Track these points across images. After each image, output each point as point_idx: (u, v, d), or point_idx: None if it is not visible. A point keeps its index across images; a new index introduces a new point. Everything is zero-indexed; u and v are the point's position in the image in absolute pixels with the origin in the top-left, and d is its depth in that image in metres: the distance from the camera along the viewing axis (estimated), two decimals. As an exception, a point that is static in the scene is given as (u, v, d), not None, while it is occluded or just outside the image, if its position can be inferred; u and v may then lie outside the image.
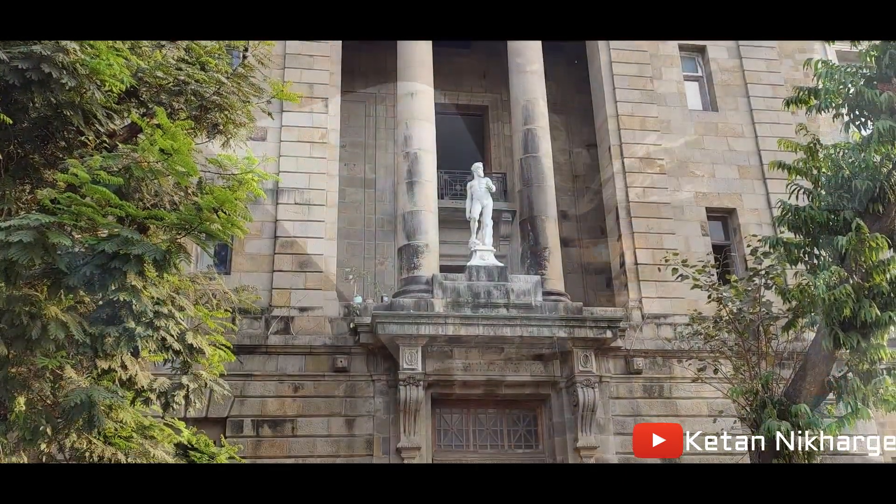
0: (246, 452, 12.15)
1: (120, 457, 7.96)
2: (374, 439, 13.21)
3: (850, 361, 9.57)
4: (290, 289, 14.10)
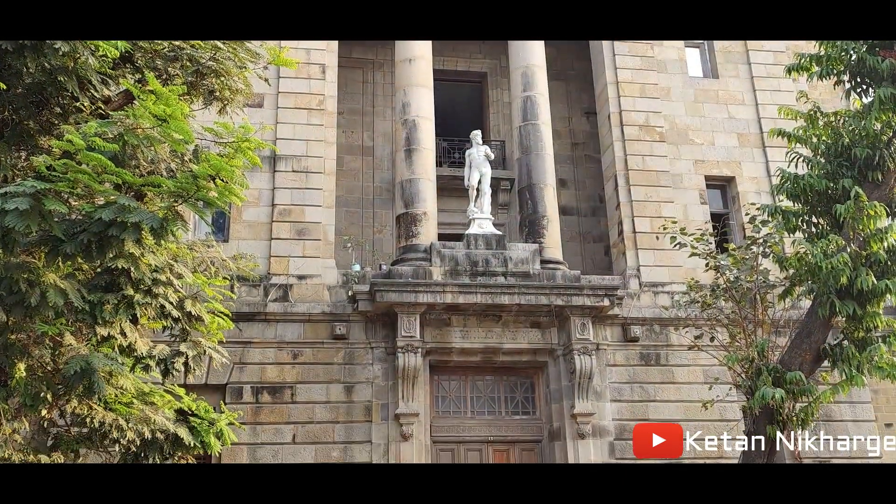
0: (246, 418, 12.26)
1: (121, 422, 8.04)
2: (372, 405, 13.33)
3: (846, 329, 9.62)
4: (289, 257, 14.11)
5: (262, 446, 12.82)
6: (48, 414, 8.12)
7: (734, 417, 13.06)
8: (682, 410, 13.97)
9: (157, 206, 7.33)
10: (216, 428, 9.14)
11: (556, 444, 13.70)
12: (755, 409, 9.72)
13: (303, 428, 13.05)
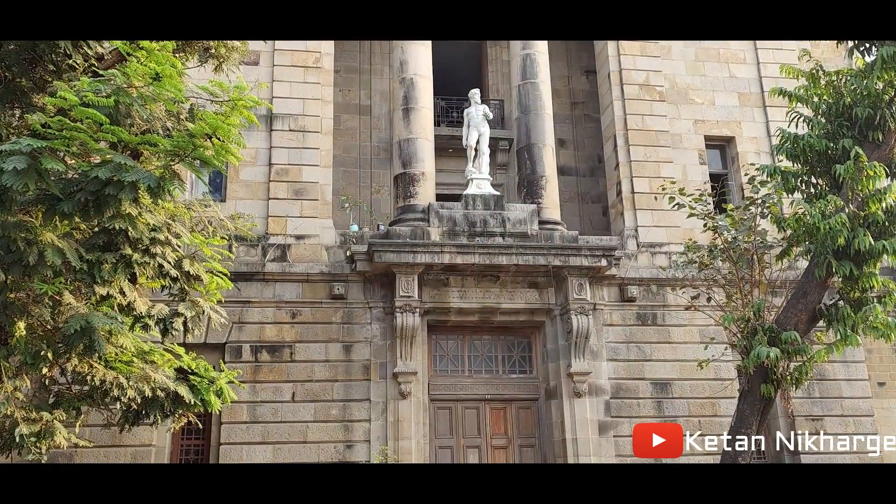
0: (245, 377, 12.37)
1: (121, 380, 8.11)
2: (371, 364, 13.45)
3: (842, 290, 9.66)
4: (286, 217, 14.08)
5: (261, 404, 12.95)
6: (49, 372, 8.18)
7: (729, 377, 13.20)
8: (678, 370, 14.12)
9: (153, 165, 7.29)
10: (216, 386, 9.22)
11: (553, 402, 13.87)
12: (750, 369, 9.81)
13: (302, 386, 13.18)
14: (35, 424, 8.00)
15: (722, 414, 13.58)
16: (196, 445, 12.99)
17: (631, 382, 14.07)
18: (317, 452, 12.85)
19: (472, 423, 13.86)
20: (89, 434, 11.29)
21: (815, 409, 14.45)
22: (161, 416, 9.22)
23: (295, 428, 12.93)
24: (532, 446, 13.97)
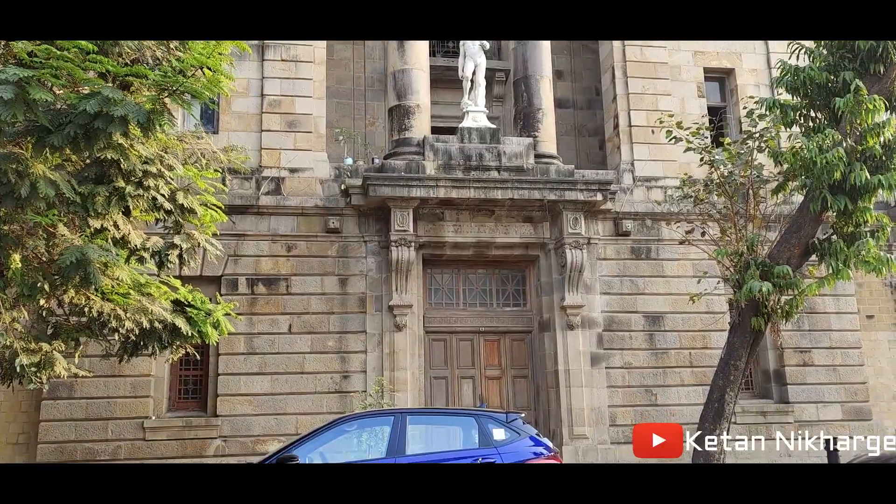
0: (242, 309, 12.47)
1: (119, 312, 8.17)
2: (366, 297, 13.56)
3: (836, 224, 9.71)
4: (280, 149, 13.95)
5: (258, 336, 13.10)
6: (46, 304, 8.23)
7: (720, 310, 13.35)
8: (670, 303, 14.28)
9: (143, 97, 7.17)
10: (213, 318, 9.32)
11: (546, 334, 14.06)
12: (741, 302, 9.93)
13: (298, 319, 13.31)
14: (35, 355, 8.10)
15: (712, 346, 13.81)
16: (194, 376, 13.20)
17: (623, 315, 14.24)
18: (314, 383, 13.08)
19: (467, 355, 14.09)
20: (89, 364, 11.44)
21: (803, 342, 14.70)
22: (159, 347, 9.34)
23: (292, 359, 13.12)
24: (525, 377, 14.23)
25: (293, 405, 12.92)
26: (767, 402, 14.54)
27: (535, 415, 13.77)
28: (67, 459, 12.14)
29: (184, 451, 12.45)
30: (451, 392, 13.85)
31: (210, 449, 12.54)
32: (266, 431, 12.71)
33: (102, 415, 12.40)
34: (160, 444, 12.45)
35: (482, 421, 7.27)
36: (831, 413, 14.43)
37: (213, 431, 12.65)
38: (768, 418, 14.28)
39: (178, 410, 13.00)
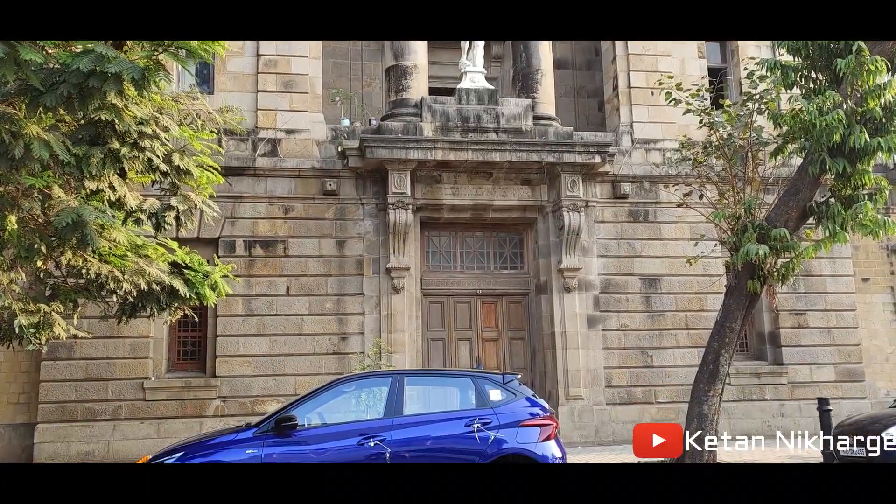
0: (240, 271, 12.49)
1: (117, 274, 8.18)
2: (364, 260, 13.57)
3: (834, 187, 9.68)
4: (276, 110, 13.82)
5: (256, 298, 13.14)
6: (44, 265, 8.23)
7: (717, 273, 13.41)
8: (667, 266, 14.32)
9: (137, 55, 7.06)
10: (211, 280, 9.33)
11: (543, 297, 14.12)
12: (738, 265, 9.95)
13: (296, 281, 13.34)
14: (33, 316, 8.12)
15: (708, 309, 13.89)
16: (193, 337, 13.28)
17: (620, 278, 14.29)
18: (312, 344, 13.16)
19: (464, 317, 14.16)
20: (87, 326, 11.50)
21: (798, 304, 14.78)
22: (157, 308, 9.36)
23: (290, 321, 13.18)
24: (522, 339, 14.33)
25: (292, 366, 13.02)
26: (762, 364, 14.68)
27: (531, 376, 13.90)
28: (68, 419, 12.26)
29: (184, 412, 12.59)
30: (448, 354, 13.96)
31: (210, 409, 12.66)
32: (265, 392, 12.83)
33: (102, 375, 12.50)
34: (160, 404, 12.57)
35: (479, 382, 7.34)
36: (825, 374, 14.59)
37: (212, 392, 12.77)
38: (762, 379, 14.43)
39: (178, 371, 13.10)
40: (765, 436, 13.99)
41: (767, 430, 14.09)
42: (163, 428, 12.40)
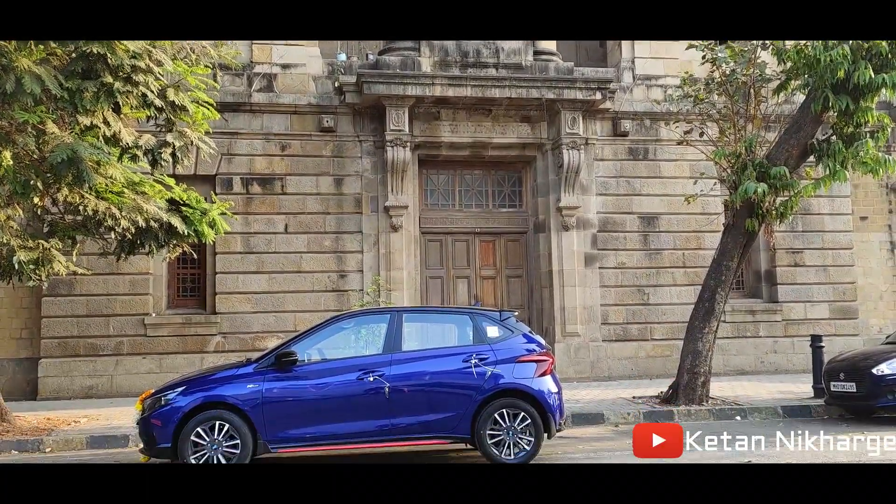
0: (237, 209, 12.47)
1: (114, 210, 8.16)
2: (362, 198, 13.53)
3: (836, 125, 9.60)
4: (271, 44, 13.56)
5: (255, 235, 13.16)
6: (41, 201, 8.21)
7: (715, 211, 13.40)
8: (666, 204, 14.30)
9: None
10: (208, 217, 9.32)
11: (541, 235, 14.14)
12: (736, 204, 9.96)
13: (294, 218, 13.33)
14: (32, 252, 8.14)
15: (706, 247, 13.93)
16: (192, 274, 13.34)
17: (619, 216, 14.29)
18: (311, 282, 13.24)
19: (462, 256, 14.21)
20: (87, 262, 11.54)
21: (796, 243, 14.83)
22: (156, 245, 9.38)
23: (289, 258, 13.23)
24: (519, 277, 14.42)
25: (291, 303, 13.13)
26: (757, 302, 14.83)
27: (528, 313, 14.04)
28: (71, 354, 12.43)
29: (185, 347, 12.74)
30: (446, 291, 14.06)
31: (210, 345, 12.82)
32: (265, 328, 12.97)
33: (103, 311, 12.60)
34: (161, 339, 12.72)
35: (476, 319, 7.41)
36: (819, 312, 14.74)
37: (212, 328, 12.90)
38: (757, 317, 14.59)
39: (178, 308, 13.21)
40: (758, 372, 14.26)
41: (761, 367, 14.34)
42: (164, 363, 12.58)
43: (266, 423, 6.68)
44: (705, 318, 10.37)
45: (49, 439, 8.56)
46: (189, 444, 6.58)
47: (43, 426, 9.31)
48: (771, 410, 9.84)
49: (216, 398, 6.73)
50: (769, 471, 2.87)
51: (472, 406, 6.91)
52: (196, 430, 6.61)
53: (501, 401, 6.97)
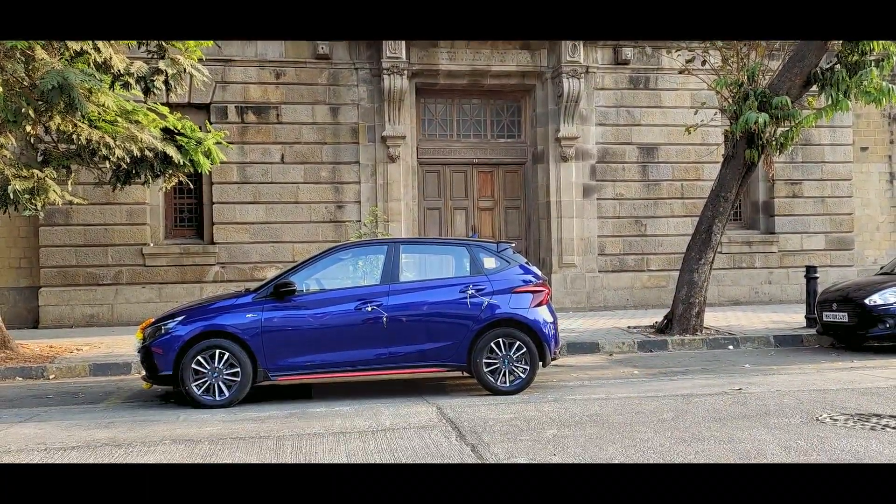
0: (233, 138, 12.34)
1: (108, 140, 8.07)
2: (359, 127, 13.38)
3: (841, 53, 9.43)
4: (264, -33, 13.14)
5: (251, 165, 13.07)
6: (33, 130, 8.11)
7: (716, 142, 13.29)
8: (666, 135, 14.17)
9: None
10: (204, 146, 9.23)
11: (539, 166, 14.06)
12: (737, 134, 9.87)
13: (290, 148, 13.21)
14: (27, 181, 8.10)
15: (705, 178, 13.89)
16: (189, 204, 13.31)
17: (618, 147, 14.18)
18: (308, 212, 13.23)
19: (460, 186, 14.16)
20: (83, 192, 11.50)
21: (795, 174, 14.78)
22: (151, 175, 9.33)
23: (286, 189, 13.18)
24: (517, 208, 14.41)
25: (289, 234, 13.15)
26: (753, 233, 14.87)
27: (525, 245, 14.09)
28: (70, 283, 12.52)
29: (183, 277, 12.83)
30: (444, 223, 14.07)
31: (209, 275, 12.91)
32: (263, 259, 13.03)
33: (101, 241, 12.63)
34: (160, 269, 12.79)
35: (474, 250, 7.44)
36: (815, 243, 14.82)
37: (210, 258, 12.96)
38: (753, 248, 14.66)
39: (176, 238, 13.23)
40: (753, 302, 14.43)
41: (755, 298, 14.50)
42: (164, 292, 12.69)
43: (265, 351, 6.78)
44: (701, 250, 10.42)
45: (52, 367, 8.71)
46: (190, 373, 6.69)
47: (46, 354, 9.45)
48: (763, 340, 10.00)
49: (216, 327, 6.81)
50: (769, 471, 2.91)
51: (468, 335, 7.00)
52: (197, 359, 6.71)
53: (497, 330, 7.06)
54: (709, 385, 7.18)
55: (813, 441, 4.88)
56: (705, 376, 7.72)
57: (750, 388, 6.90)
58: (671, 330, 10.26)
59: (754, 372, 7.90)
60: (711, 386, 7.12)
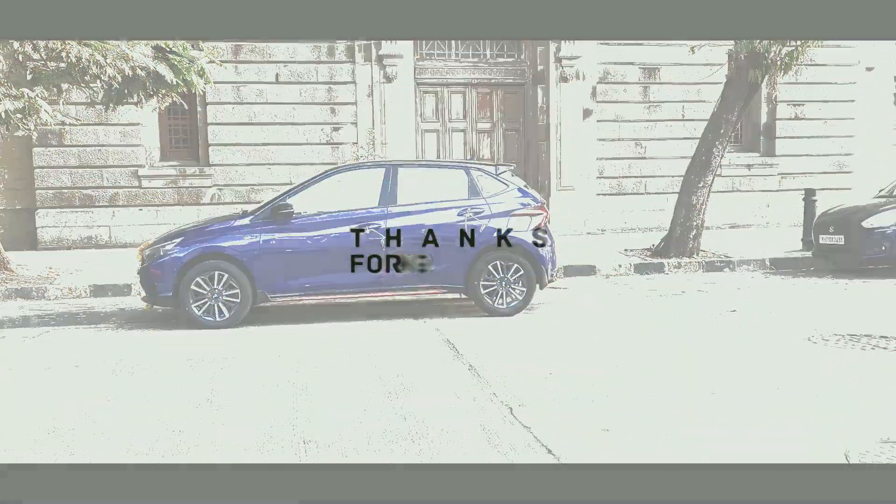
0: (226, 57, 12.06)
1: (98, 57, 7.88)
2: (354, 46, 13.05)
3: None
4: None
5: (245, 85, 12.81)
6: (21, 46, 7.89)
7: (719, 62, 13.02)
8: (669, 55, 13.86)
9: None
10: (197, 66, 9.02)
11: (539, 87, 13.82)
12: (741, 53, 9.67)
13: (285, 68, 12.93)
14: (17, 101, 7.95)
15: (706, 100, 13.67)
16: (183, 125, 13.11)
17: (619, 67, 13.90)
18: (304, 135, 13.06)
19: (458, 108, 13.94)
20: (75, 112, 11.31)
21: (798, 95, 14.54)
22: (144, 95, 9.16)
23: (282, 109, 12.96)
24: (517, 130, 14.23)
25: (285, 156, 13.02)
26: (754, 156, 14.76)
27: (524, 167, 13.99)
28: (66, 205, 12.47)
29: (180, 199, 12.78)
30: (441, 145, 13.93)
31: (206, 197, 12.85)
32: (260, 181, 12.94)
33: (95, 163, 12.51)
34: (156, 191, 12.72)
35: (472, 173, 7.39)
36: (815, 166, 14.72)
37: (207, 180, 12.87)
38: (752, 171, 14.58)
39: (171, 160, 13.10)
40: (751, 225, 14.45)
41: (754, 221, 14.51)
42: (161, 215, 12.65)
43: (264, 273, 6.82)
44: (701, 172, 10.36)
45: (52, 287, 8.77)
46: (190, 293, 6.75)
47: (45, 275, 9.50)
48: (759, 262, 10.06)
49: (214, 249, 6.83)
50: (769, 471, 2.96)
51: (466, 258, 7.04)
52: (196, 280, 6.76)
53: (495, 253, 7.09)
54: (704, 306, 7.27)
55: (803, 361, 4.98)
56: (701, 298, 7.81)
57: (745, 309, 6.99)
58: (668, 253, 10.31)
59: (750, 294, 7.99)
60: (706, 307, 7.21)
